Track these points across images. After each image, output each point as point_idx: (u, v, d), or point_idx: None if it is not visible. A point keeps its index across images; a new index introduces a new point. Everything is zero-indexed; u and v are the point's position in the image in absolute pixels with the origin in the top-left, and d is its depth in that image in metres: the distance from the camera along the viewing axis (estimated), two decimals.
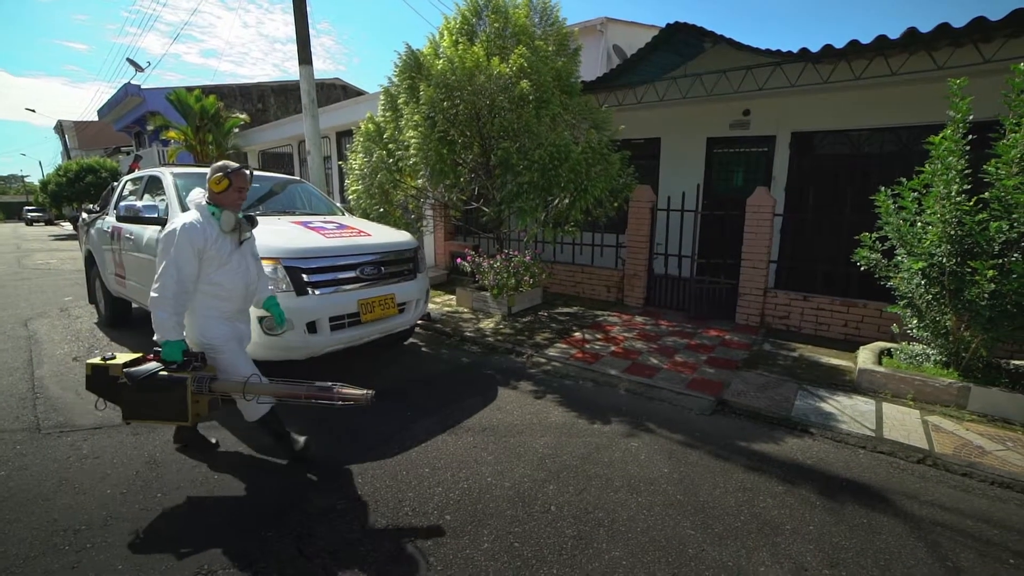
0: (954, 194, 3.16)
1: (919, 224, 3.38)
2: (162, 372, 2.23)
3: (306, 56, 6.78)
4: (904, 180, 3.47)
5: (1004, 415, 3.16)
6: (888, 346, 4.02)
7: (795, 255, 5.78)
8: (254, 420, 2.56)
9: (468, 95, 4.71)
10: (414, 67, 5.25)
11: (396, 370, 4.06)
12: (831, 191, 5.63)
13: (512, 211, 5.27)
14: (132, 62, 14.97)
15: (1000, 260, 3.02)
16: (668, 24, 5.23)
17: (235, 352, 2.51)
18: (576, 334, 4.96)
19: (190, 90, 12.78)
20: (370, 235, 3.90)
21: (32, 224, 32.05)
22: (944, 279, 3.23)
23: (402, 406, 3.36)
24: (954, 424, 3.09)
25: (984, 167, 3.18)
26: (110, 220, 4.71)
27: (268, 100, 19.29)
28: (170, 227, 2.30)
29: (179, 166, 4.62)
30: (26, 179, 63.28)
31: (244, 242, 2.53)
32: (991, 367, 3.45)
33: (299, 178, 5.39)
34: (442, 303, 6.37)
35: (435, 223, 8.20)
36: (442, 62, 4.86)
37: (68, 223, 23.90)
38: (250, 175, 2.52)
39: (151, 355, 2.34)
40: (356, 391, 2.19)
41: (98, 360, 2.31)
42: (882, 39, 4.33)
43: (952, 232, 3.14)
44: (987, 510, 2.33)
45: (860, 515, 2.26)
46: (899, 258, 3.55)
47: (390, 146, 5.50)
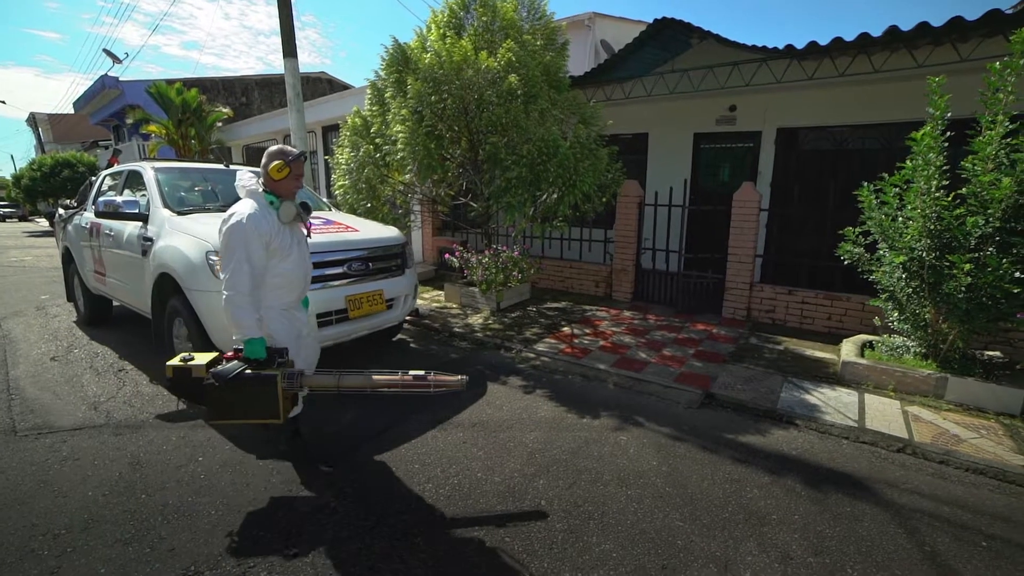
0: (933, 190, 3.23)
1: (900, 219, 3.44)
2: (247, 370, 2.15)
3: (291, 49, 6.66)
4: (886, 176, 3.54)
5: (979, 404, 3.25)
6: (870, 339, 4.11)
7: (780, 249, 5.86)
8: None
9: (456, 89, 4.68)
10: (401, 61, 5.19)
11: (385, 367, 4.03)
12: (815, 186, 5.71)
13: (500, 206, 5.25)
14: (109, 53, 14.55)
15: (976, 254, 3.10)
16: (656, 19, 5.24)
17: (303, 345, 2.49)
18: (565, 329, 4.98)
19: (171, 83, 12.47)
20: (357, 230, 3.86)
21: (4, 220, 31.14)
22: (924, 273, 3.30)
23: (391, 403, 3.33)
24: (932, 414, 3.17)
25: (962, 163, 3.26)
26: (88, 216, 4.59)
27: (252, 94, 18.94)
28: (234, 219, 2.16)
29: (161, 160, 4.52)
30: None
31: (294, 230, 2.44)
32: (967, 358, 3.54)
33: None
34: (430, 299, 6.35)
35: (423, 218, 8.14)
36: (430, 56, 4.82)
37: (44, 219, 23.24)
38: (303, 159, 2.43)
39: (229, 353, 2.25)
40: (450, 377, 2.22)
41: (178, 362, 2.21)
42: (865, 36, 4.39)
43: (931, 227, 3.21)
44: (962, 496, 2.40)
45: (844, 504, 2.31)
46: (881, 252, 3.62)
47: (377, 140, 5.44)
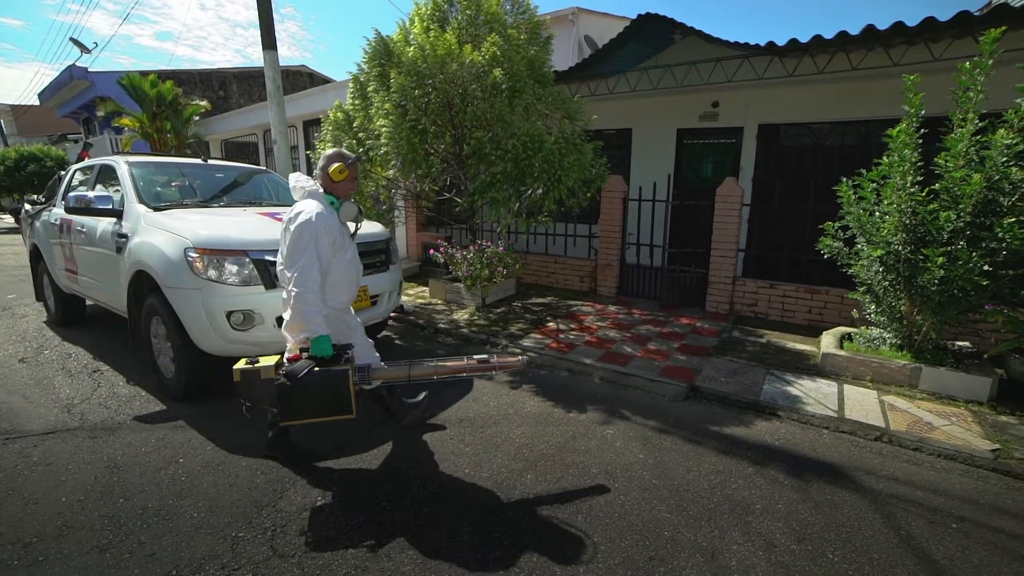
0: (908, 185, 3.31)
1: (877, 214, 3.53)
2: (316, 368, 2.15)
3: (270, 41, 6.50)
4: (864, 171, 3.61)
5: (950, 393, 3.36)
6: (849, 331, 4.21)
7: (762, 244, 5.96)
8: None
9: (440, 83, 4.62)
10: (384, 54, 5.11)
11: None
12: (795, 182, 5.82)
13: (485, 201, 5.23)
14: (76, 42, 13.98)
15: (949, 248, 3.19)
16: (639, 15, 5.26)
17: (363, 338, 2.60)
18: (550, 324, 4.99)
19: (144, 75, 12.08)
20: None
21: None
22: (899, 266, 3.39)
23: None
24: (907, 403, 3.27)
25: (935, 160, 3.35)
26: (58, 212, 4.43)
27: (230, 87, 18.46)
28: (303, 217, 2.20)
29: (135, 155, 4.38)
30: None
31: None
32: (939, 348, 3.65)
33: (265, 168, 5.20)
34: (415, 295, 6.30)
35: (407, 214, 8.06)
36: (413, 49, 4.75)
37: (8, 216, 22.34)
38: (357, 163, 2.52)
39: (292, 355, 2.25)
40: (512, 359, 2.35)
41: (245, 364, 2.20)
42: (843, 35, 4.47)
43: (907, 221, 3.30)
44: (934, 481, 2.48)
45: (824, 492, 2.37)
46: (859, 246, 3.70)
47: (360, 135, 5.35)
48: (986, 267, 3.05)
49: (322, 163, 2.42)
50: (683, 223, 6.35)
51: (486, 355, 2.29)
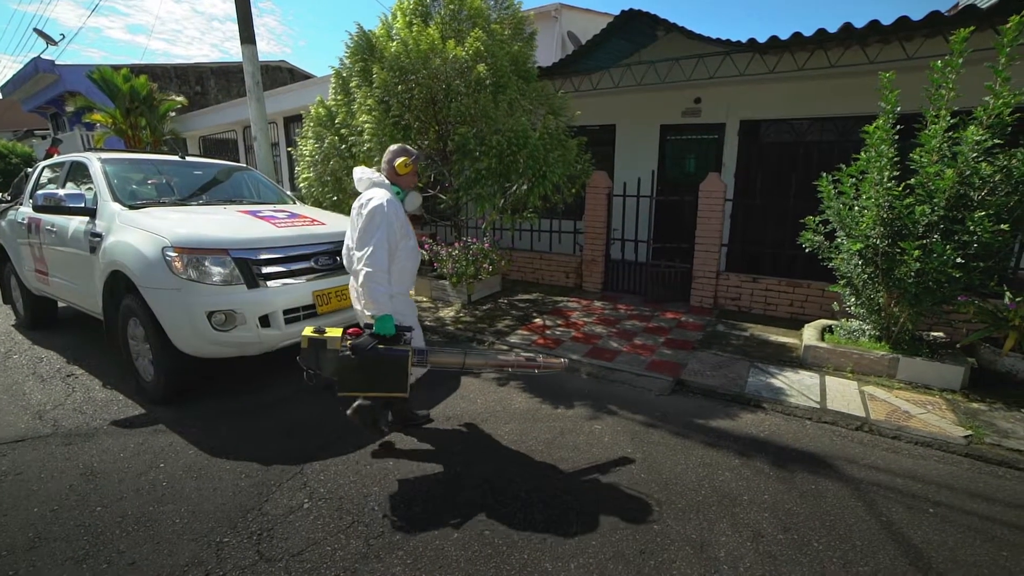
0: (886, 180, 3.38)
1: (856, 208, 3.60)
2: (380, 346, 2.24)
3: (249, 35, 6.35)
4: (843, 167, 3.69)
5: (926, 382, 3.46)
6: (829, 323, 4.30)
7: (745, 239, 6.04)
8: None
9: (423, 79, 4.57)
10: (366, 49, 5.03)
11: None
12: (776, 177, 5.91)
13: (470, 198, 5.19)
14: (41, 33, 13.41)
15: (924, 241, 3.28)
16: (623, 11, 5.27)
17: (418, 325, 2.68)
18: (537, 320, 4.99)
19: (116, 68, 11.68)
20: (324, 224, 3.73)
21: None
22: (877, 259, 3.47)
23: None
24: (886, 392, 3.35)
25: (911, 155, 3.43)
26: (25, 211, 4.27)
27: (208, 83, 17.99)
28: (376, 203, 2.32)
29: (108, 151, 4.23)
30: None
31: None
32: (915, 339, 3.75)
33: (245, 165, 5.08)
34: None
35: None
36: (395, 44, 4.69)
37: None
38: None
39: (355, 329, 2.36)
40: (555, 360, 2.54)
41: (313, 332, 2.25)
42: (822, 32, 4.55)
43: (884, 215, 3.38)
44: (912, 468, 2.56)
45: (809, 482, 2.42)
46: (839, 240, 3.78)
47: (343, 131, 5.27)
48: (959, 259, 3.14)
49: (388, 156, 2.55)
50: (667, 218, 6.41)
51: (534, 355, 2.46)
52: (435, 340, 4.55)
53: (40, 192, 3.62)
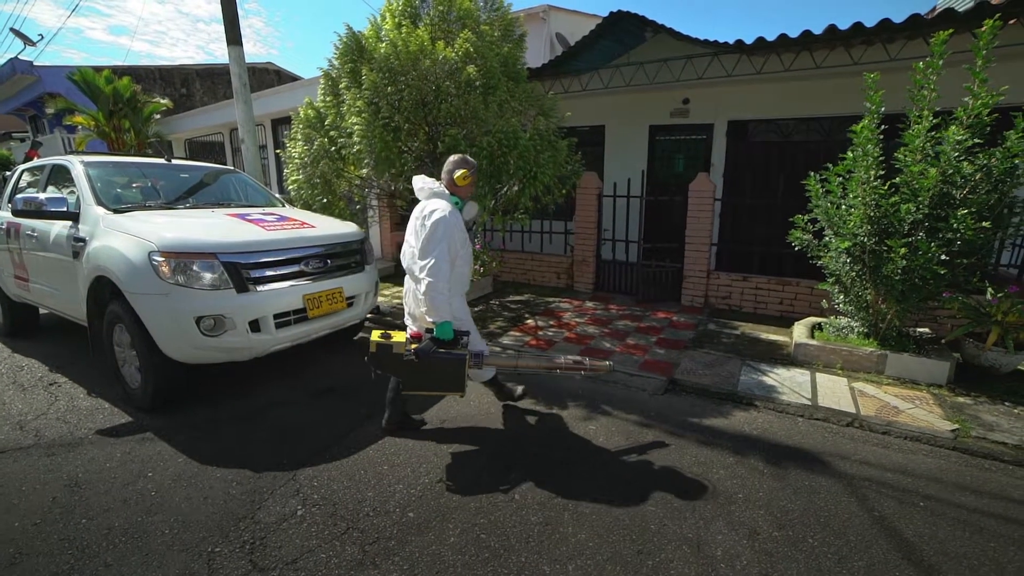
0: (872, 179, 3.44)
1: (844, 207, 3.65)
2: (441, 350, 2.45)
3: (235, 36, 6.26)
4: (830, 166, 3.74)
5: (913, 377, 3.52)
6: (819, 321, 4.36)
7: (734, 238, 6.10)
8: (483, 380, 3.03)
9: (413, 80, 4.55)
10: (356, 50, 4.99)
11: (347, 366, 3.90)
12: (764, 176, 5.98)
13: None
14: (18, 33, 13.09)
15: (910, 239, 3.33)
16: (611, 12, 5.31)
17: (473, 326, 2.83)
18: (529, 321, 4.99)
19: (98, 70, 11.45)
20: (314, 227, 3.69)
21: None
22: (865, 257, 3.52)
23: (356, 403, 3.24)
24: (875, 388, 3.40)
25: (895, 155, 3.49)
26: (4, 215, 4.16)
27: (193, 84, 17.73)
28: (439, 214, 2.44)
29: (91, 154, 4.15)
30: None
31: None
32: (902, 335, 3.82)
33: (233, 168, 5.01)
34: (391, 295, 6.20)
35: (380, 213, 7.92)
36: (385, 46, 4.66)
37: None
38: None
39: (416, 332, 2.56)
40: (600, 363, 2.65)
41: (380, 337, 2.47)
42: (807, 34, 4.61)
43: (871, 214, 3.43)
44: (902, 462, 2.59)
45: (802, 478, 2.44)
46: (827, 238, 3.83)
47: (332, 133, 5.22)
48: (943, 256, 3.20)
49: (448, 167, 2.66)
50: (657, 218, 6.45)
51: (582, 357, 2.66)
52: None
53: (19, 196, 3.54)
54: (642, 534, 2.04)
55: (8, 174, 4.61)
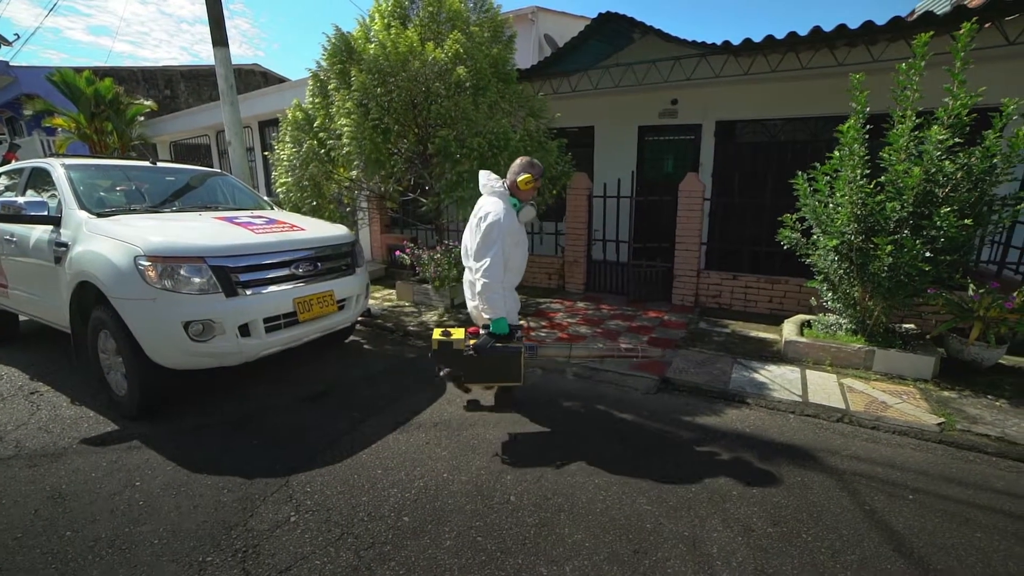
0: (858, 178, 3.49)
1: (831, 205, 3.70)
2: (498, 344, 2.62)
3: (221, 37, 6.18)
4: (818, 165, 3.79)
5: (900, 372, 3.58)
6: (808, 318, 4.41)
7: (724, 237, 6.15)
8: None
9: (403, 81, 4.53)
10: (344, 51, 4.95)
11: (339, 370, 3.87)
12: (752, 176, 6.04)
13: (452, 201, 5.16)
14: None
15: (895, 236, 3.39)
16: (600, 14, 5.33)
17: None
18: (521, 322, 4.98)
19: (79, 71, 11.22)
20: (304, 229, 3.65)
21: None
22: (852, 255, 3.58)
23: (348, 407, 3.21)
24: (863, 384, 3.45)
25: (880, 154, 3.55)
26: None
27: (177, 86, 17.46)
28: (493, 217, 2.57)
29: (72, 157, 4.06)
30: None
31: None
32: (889, 331, 3.88)
33: (220, 170, 4.94)
34: (382, 298, 6.16)
35: (371, 216, 7.88)
36: (374, 46, 4.63)
37: None
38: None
39: (475, 328, 2.77)
40: (652, 349, 2.92)
41: (441, 335, 2.67)
42: (793, 35, 4.67)
43: (858, 212, 3.48)
44: (891, 456, 2.63)
45: (795, 474, 2.46)
46: (816, 237, 3.88)
47: (321, 135, 5.17)
48: (928, 253, 3.26)
49: (515, 168, 2.76)
50: (647, 218, 6.48)
51: (633, 344, 2.83)
52: (420, 345, 4.50)
53: None
54: (638, 533, 2.05)
55: None
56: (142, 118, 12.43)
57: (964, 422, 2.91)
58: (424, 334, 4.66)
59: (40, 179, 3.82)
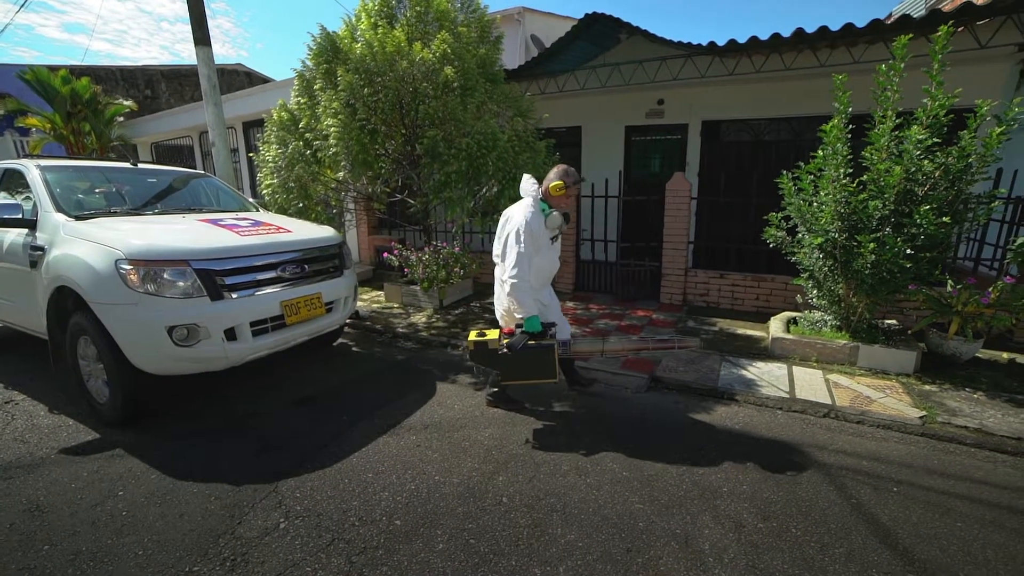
0: (842, 177, 3.56)
1: (816, 204, 3.76)
2: (530, 342, 2.69)
3: (203, 36, 6.07)
4: (802, 164, 3.85)
5: (883, 367, 3.65)
6: (794, 315, 4.48)
7: (710, 236, 6.22)
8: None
9: (390, 81, 4.50)
10: (330, 50, 4.90)
11: (327, 373, 3.82)
12: (737, 175, 6.12)
13: (440, 201, 5.14)
14: None
15: (878, 234, 3.46)
16: (587, 14, 5.35)
17: (561, 316, 3.10)
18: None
19: (54, 69, 10.93)
20: (291, 231, 3.61)
21: None
22: (837, 252, 3.64)
23: (338, 410, 3.17)
24: (848, 379, 3.51)
25: (863, 153, 3.62)
26: None
27: (158, 86, 17.10)
28: (515, 223, 2.70)
29: (47, 158, 3.95)
30: None
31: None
32: (872, 327, 3.96)
33: (204, 172, 4.85)
34: (370, 300, 6.11)
35: (358, 217, 7.81)
36: (360, 46, 4.59)
37: None
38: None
39: (509, 328, 2.84)
40: (691, 340, 2.94)
41: (476, 336, 2.76)
42: (776, 36, 4.74)
43: (841, 210, 3.54)
44: (875, 450, 2.69)
45: (784, 470, 2.49)
46: (801, 235, 3.94)
47: (307, 136, 5.11)
48: (909, 250, 3.33)
49: (551, 175, 2.85)
50: (635, 218, 6.52)
51: (668, 336, 2.89)
52: (409, 347, 4.47)
53: None
54: (631, 532, 2.05)
55: None
56: (121, 119, 12.18)
57: (944, 415, 2.98)
58: (414, 335, 4.63)
59: (14, 181, 3.71)
